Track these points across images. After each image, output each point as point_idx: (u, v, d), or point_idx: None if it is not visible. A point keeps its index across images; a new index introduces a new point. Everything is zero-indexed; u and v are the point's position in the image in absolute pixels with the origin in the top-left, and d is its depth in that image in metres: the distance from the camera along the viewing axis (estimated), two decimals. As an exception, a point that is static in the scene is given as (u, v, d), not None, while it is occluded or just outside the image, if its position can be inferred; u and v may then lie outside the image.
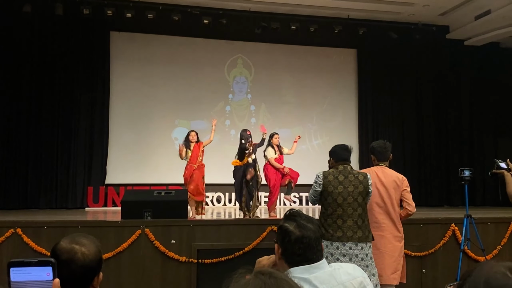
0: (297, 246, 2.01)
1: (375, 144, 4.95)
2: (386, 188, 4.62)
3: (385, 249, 4.58)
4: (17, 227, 5.50)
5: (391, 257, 4.59)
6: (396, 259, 4.61)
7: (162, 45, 11.82)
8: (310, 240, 2.02)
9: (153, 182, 10.81)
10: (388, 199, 4.62)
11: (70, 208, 10.66)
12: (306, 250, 2.01)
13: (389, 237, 4.60)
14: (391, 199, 4.62)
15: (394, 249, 4.61)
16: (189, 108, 11.90)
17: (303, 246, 2.01)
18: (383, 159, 4.80)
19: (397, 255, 4.62)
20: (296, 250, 2.00)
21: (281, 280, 1.01)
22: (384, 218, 4.60)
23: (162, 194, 6.47)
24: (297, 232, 2.03)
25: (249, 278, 1.01)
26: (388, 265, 4.57)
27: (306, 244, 2.01)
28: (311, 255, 2.01)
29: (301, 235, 2.02)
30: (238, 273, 1.05)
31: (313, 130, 12.57)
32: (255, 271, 1.05)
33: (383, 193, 4.61)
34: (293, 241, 2.02)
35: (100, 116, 11.30)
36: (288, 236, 2.04)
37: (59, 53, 11.05)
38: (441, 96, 13.01)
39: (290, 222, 2.08)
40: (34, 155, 10.74)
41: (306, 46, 12.44)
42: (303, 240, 2.01)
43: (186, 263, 5.72)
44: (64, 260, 1.77)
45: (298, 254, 2.00)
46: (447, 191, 12.61)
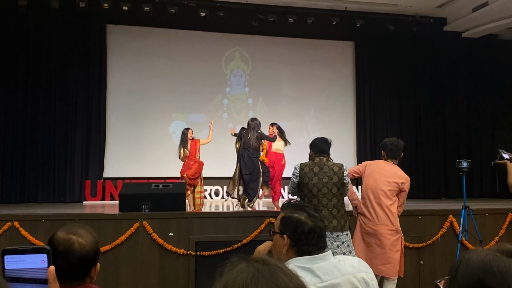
0: (311, 236, 2.02)
1: (387, 140, 4.97)
2: (384, 180, 4.72)
3: (375, 240, 4.71)
4: (14, 221, 5.49)
5: (381, 248, 4.69)
6: (386, 252, 4.68)
7: (159, 38, 11.77)
8: (322, 229, 2.06)
9: (151, 175, 10.79)
10: (386, 192, 4.71)
11: (68, 202, 10.65)
12: (318, 239, 2.03)
13: (382, 230, 4.70)
14: (386, 194, 4.71)
15: (385, 241, 4.69)
16: (186, 102, 11.87)
17: (316, 236, 2.03)
18: (393, 156, 4.86)
19: (387, 248, 4.68)
20: (310, 240, 2.02)
21: (275, 267, 1.00)
22: (379, 210, 4.70)
23: (160, 187, 6.47)
24: (310, 223, 2.04)
25: (243, 265, 1.01)
26: (378, 256, 4.68)
27: (319, 233, 2.04)
28: (323, 244, 2.04)
29: (314, 225, 2.04)
30: (231, 261, 1.04)
31: (311, 123, 12.56)
32: (248, 259, 1.04)
33: (382, 186, 4.71)
34: (307, 231, 2.03)
35: (97, 110, 11.26)
36: (301, 226, 2.04)
37: (55, 47, 11.00)
38: (439, 88, 13.00)
39: (301, 212, 2.09)
40: (31, 150, 10.71)
41: (304, 39, 12.41)
42: (316, 230, 2.03)
43: (184, 256, 5.72)
44: (61, 251, 1.76)
45: (312, 244, 2.02)
46: (444, 183, 12.63)
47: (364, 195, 4.80)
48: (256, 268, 0.99)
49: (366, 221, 4.75)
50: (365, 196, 4.79)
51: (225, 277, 1.00)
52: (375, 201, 4.71)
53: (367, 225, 4.74)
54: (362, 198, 4.83)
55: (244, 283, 0.96)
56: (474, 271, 0.98)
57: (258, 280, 0.96)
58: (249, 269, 0.99)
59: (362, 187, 4.86)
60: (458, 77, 13.05)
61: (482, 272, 0.97)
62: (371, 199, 4.72)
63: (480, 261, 0.99)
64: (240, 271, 0.99)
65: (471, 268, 0.99)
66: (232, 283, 0.97)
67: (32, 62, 10.86)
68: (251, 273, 0.97)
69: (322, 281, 1.92)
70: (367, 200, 4.75)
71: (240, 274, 0.98)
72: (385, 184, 4.71)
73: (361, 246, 4.76)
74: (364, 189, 4.82)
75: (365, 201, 4.77)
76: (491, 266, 0.97)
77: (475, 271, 0.98)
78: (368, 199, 4.75)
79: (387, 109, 12.84)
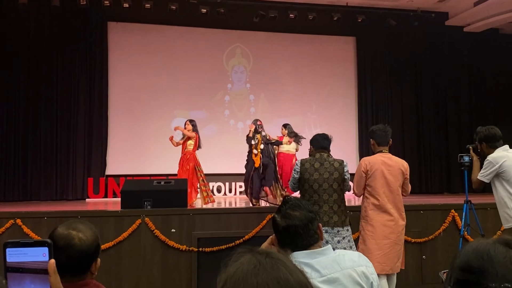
0: (285, 236, 2.03)
1: (375, 127, 4.82)
2: (392, 176, 4.60)
3: (393, 237, 4.55)
4: (17, 218, 5.51)
5: (398, 244, 4.59)
6: (402, 247, 4.66)
7: (160, 35, 11.76)
8: (297, 228, 2.02)
9: (153, 172, 10.79)
10: (394, 186, 4.60)
11: (70, 200, 10.67)
12: (294, 239, 2.02)
13: (396, 226, 4.59)
14: (396, 187, 4.61)
15: (401, 237, 4.63)
16: (188, 98, 11.87)
17: (290, 235, 2.02)
18: (383, 143, 4.70)
19: (402, 242, 4.67)
20: (285, 239, 2.03)
21: (278, 260, 1.00)
22: (391, 208, 4.57)
23: (162, 183, 6.48)
24: (282, 223, 2.04)
25: (246, 257, 1.01)
26: (396, 253, 4.55)
27: (293, 232, 2.02)
28: (301, 242, 2.02)
29: (286, 225, 2.03)
30: (237, 252, 1.05)
31: (313, 119, 12.55)
32: (254, 250, 1.05)
33: (390, 182, 4.58)
34: (281, 231, 2.04)
35: (99, 107, 11.27)
36: (276, 226, 2.07)
37: (56, 45, 10.99)
38: (440, 83, 12.97)
39: (278, 213, 2.10)
40: (34, 148, 10.72)
41: (305, 35, 12.38)
42: (289, 230, 2.02)
43: (186, 252, 5.74)
44: (62, 246, 1.77)
45: (288, 243, 2.03)
46: (447, 178, 12.61)
47: (379, 195, 4.56)
48: (258, 260, 0.99)
49: (387, 221, 4.53)
50: (380, 195, 4.56)
51: (228, 268, 1.00)
52: (393, 197, 4.57)
53: (387, 225, 4.53)
54: (376, 197, 4.58)
55: (244, 275, 0.96)
56: (467, 256, 1.00)
57: (258, 272, 0.96)
58: (251, 261, 0.99)
59: (373, 187, 4.59)
60: (460, 71, 13.01)
61: (474, 256, 0.99)
62: (389, 196, 4.56)
63: (475, 247, 1.01)
64: (242, 263, 0.99)
65: (466, 254, 1.01)
66: (233, 274, 0.98)
67: (34, 59, 10.86)
68: (252, 265, 0.98)
69: (321, 276, 1.92)
70: (386, 199, 4.55)
71: (241, 265, 0.99)
72: (398, 178, 4.60)
73: (380, 249, 4.50)
74: (377, 189, 4.57)
75: (383, 199, 4.55)
76: (483, 251, 0.98)
77: (468, 256, 0.99)
78: (387, 197, 4.56)
79: (388, 104, 12.81)
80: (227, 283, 0.97)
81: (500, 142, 4.48)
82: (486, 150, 4.53)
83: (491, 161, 4.37)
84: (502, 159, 4.32)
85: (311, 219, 2.07)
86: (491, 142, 4.49)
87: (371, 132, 4.81)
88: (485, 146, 4.55)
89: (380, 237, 4.50)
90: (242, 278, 0.96)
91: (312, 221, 2.06)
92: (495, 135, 4.49)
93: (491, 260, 0.96)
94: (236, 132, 12.11)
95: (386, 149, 4.71)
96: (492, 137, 4.49)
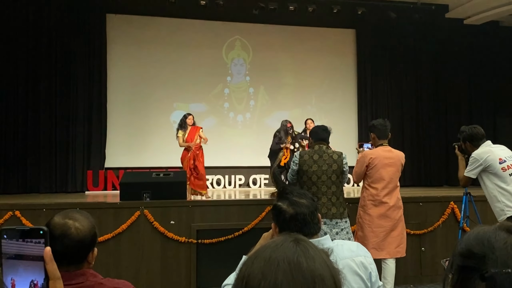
0: (293, 224, 2.01)
1: (375, 122, 5.05)
2: (392, 167, 4.82)
3: (389, 225, 4.75)
4: (15, 210, 5.51)
5: (394, 231, 4.77)
6: (400, 233, 4.82)
7: (159, 27, 11.72)
8: (305, 216, 2.02)
9: (152, 165, 10.78)
10: (393, 177, 4.82)
11: (70, 192, 10.67)
12: (302, 227, 2.01)
13: (394, 214, 4.78)
14: (395, 177, 4.84)
15: (398, 223, 4.80)
16: (187, 91, 11.85)
17: (298, 223, 2.01)
18: (383, 137, 4.92)
19: (400, 229, 4.82)
20: (292, 228, 2.00)
21: (304, 242, 0.96)
22: (389, 198, 4.77)
23: (161, 175, 6.47)
24: (290, 210, 2.02)
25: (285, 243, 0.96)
26: (394, 239, 4.75)
27: (301, 220, 2.01)
28: (307, 230, 2.01)
29: (295, 213, 2.02)
30: None
31: (312, 112, 12.51)
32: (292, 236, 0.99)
33: (390, 173, 4.79)
34: (288, 219, 2.02)
35: (98, 100, 11.24)
36: (282, 215, 2.04)
37: (55, 37, 10.96)
38: (440, 75, 12.94)
39: (283, 201, 2.08)
40: (33, 140, 10.71)
41: (305, 27, 12.34)
42: (298, 217, 2.01)
43: (185, 244, 5.75)
44: (58, 235, 1.76)
45: (294, 231, 1.99)
46: (446, 171, 12.60)
47: (378, 186, 4.76)
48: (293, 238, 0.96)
49: (383, 211, 4.74)
50: (381, 185, 4.76)
51: None
52: (392, 188, 4.78)
53: (384, 214, 4.73)
54: (376, 186, 4.78)
55: None
56: (468, 242, 0.99)
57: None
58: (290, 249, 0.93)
59: (373, 178, 4.79)
60: (460, 64, 12.98)
61: (474, 242, 0.99)
62: (387, 187, 4.77)
63: (476, 234, 1.01)
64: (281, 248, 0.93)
65: (467, 240, 1.01)
66: None
67: (32, 52, 10.82)
68: None
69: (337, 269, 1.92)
70: (385, 189, 4.76)
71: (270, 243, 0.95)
72: (397, 169, 4.84)
73: (376, 237, 4.72)
74: (376, 180, 4.77)
75: (382, 190, 4.75)
76: (484, 237, 0.98)
77: (469, 242, 0.99)
78: (386, 188, 4.76)
79: (388, 97, 12.79)
80: None
81: (483, 140, 4.58)
82: (470, 149, 4.65)
83: (475, 158, 4.48)
84: (486, 154, 4.43)
85: (316, 207, 2.09)
86: (474, 141, 4.60)
87: (372, 127, 5.02)
88: (469, 145, 4.65)
89: (376, 226, 4.73)
90: None
91: (316, 209, 2.09)
92: (478, 134, 4.60)
93: (491, 245, 0.96)
94: (236, 124, 12.10)
95: (386, 142, 4.93)
96: (475, 136, 4.60)
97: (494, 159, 4.38)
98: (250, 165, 11.55)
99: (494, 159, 4.38)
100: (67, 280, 1.64)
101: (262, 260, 0.91)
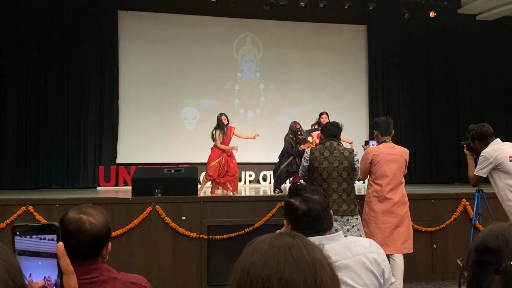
0: (306, 220, 2.01)
1: (378, 120, 5.10)
2: (396, 163, 4.82)
3: (394, 221, 4.76)
4: (29, 205, 5.55)
5: (400, 227, 4.77)
6: (407, 229, 4.82)
7: (170, 24, 11.75)
8: (318, 212, 2.02)
9: (164, 161, 10.82)
10: (397, 173, 4.82)
11: (82, 188, 10.75)
12: (315, 223, 2.01)
13: (399, 210, 4.78)
14: (399, 173, 4.85)
15: (404, 219, 4.80)
16: (198, 88, 11.86)
17: (311, 219, 2.00)
18: (386, 134, 4.95)
19: (406, 225, 4.82)
20: (305, 224, 2.00)
21: (302, 239, 0.99)
22: (394, 194, 4.78)
23: (172, 171, 6.50)
24: (303, 207, 2.02)
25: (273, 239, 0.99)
26: (400, 235, 4.75)
27: (314, 216, 2.01)
28: (321, 226, 2.02)
29: (308, 209, 2.01)
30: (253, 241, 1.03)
31: (323, 108, 12.33)
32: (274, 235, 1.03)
33: (393, 169, 4.80)
34: (301, 215, 2.01)
35: (110, 97, 11.31)
36: (295, 211, 2.03)
37: (67, 34, 11.03)
38: (452, 72, 12.85)
39: (295, 197, 2.07)
40: (45, 137, 10.80)
41: (315, 23, 12.29)
42: (311, 213, 2.01)
43: (196, 239, 5.76)
44: (72, 230, 1.77)
45: (307, 228, 2.00)
46: (458, 168, 12.51)
47: (382, 182, 4.79)
48: (291, 235, 0.99)
49: (388, 207, 4.76)
50: (385, 181, 4.79)
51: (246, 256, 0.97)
52: (396, 184, 4.80)
53: (389, 210, 4.75)
54: (380, 183, 4.81)
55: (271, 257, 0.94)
56: (483, 238, 1.00)
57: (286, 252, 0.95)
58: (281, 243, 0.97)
59: (377, 175, 4.82)
60: (472, 60, 12.86)
61: (489, 237, 1.00)
62: (391, 183, 4.78)
63: (490, 229, 1.02)
64: (271, 244, 0.97)
65: (481, 236, 1.01)
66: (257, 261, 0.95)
67: (44, 49, 10.90)
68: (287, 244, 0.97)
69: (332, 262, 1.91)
70: (389, 185, 4.78)
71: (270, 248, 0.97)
72: (401, 165, 4.85)
73: (382, 233, 4.74)
74: (380, 176, 4.80)
75: (386, 186, 4.78)
76: (498, 231, 0.99)
77: (484, 238, 1.00)
78: (390, 184, 4.78)
79: (399, 94, 12.72)
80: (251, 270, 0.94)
81: (492, 139, 4.53)
82: (479, 147, 4.59)
83: (485, 156, 4.42)
84: (496, 152, 4.38)
85: (328, 203, 2.09)
86: (483, 140, 4.54)
87: (375, 124, 5.06)
88: (478, 143, 4.60)
89: (381, 222, 4.74)
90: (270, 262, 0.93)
91: (329, 205, 2.08)
92: (487, 132, 4.55)
93: (505, 239, 0.96)
94: (246, 121, 12.10)
95: (389, 139, 4.95)
96: (484, 135, 4.55)
97: (505, 156, 4.33)
98: (261, 162, 11.54)
99: (504, 156, 4.33)
100: (82, 275, 1.65)
101: (261, 250, 0.95)
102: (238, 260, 0.99)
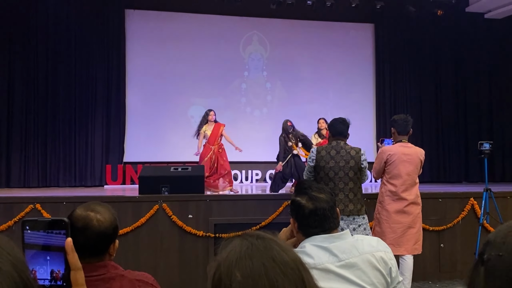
0: (312, 219, 2.00)
1: (396, 117, 5.02)
2: (411, 164, 4.78)
3: (407, 222, 4.73)
4: (36, 203, 5.58)
5: (412, 228, 4.75)
6: (418, 230, 4.81)
7: (176, 22, 11.75)
8: (325, 210, 2.01)
9: (171, 159, 10.84)
10: (412, 174, 4.79)
11: (89, 186, 10.79)
12: (322, 222, 2.00)
13: (412, 210, 4.76)
14: (413, 174, 4.81)
15: (416, 220, 4.78)
16: (205, 86, 11.87)
17: (318, 218, 2.00)
18: (404, 132, 4.88)
19: (418, 226, 4.81)
20: (312, 223, 1.99)
21: (270, 240, 1.00)
22: (408, 194, 4.76)
23: (179, 169, 6.51)
24: (310, 205, 2.01)
25: (236, 241, 1.00)
26: (412, 236, 4.73)
27: (321, 215, 2.00)
28: (328, 225, 2.01)
29: (315, 208, 2.00)
30: (225, 239, 1.05)
31: (330, 107, 12.44)
32: (242, 234, 1.05)
33: (408, 169, 4.76)
34: (307, 214, 2.01)
35: (117, 95, 11.33)
36: (301, 210, 2.02)
37: (74, 33, 11.05)
38: (460, 70, 12.78)
39: (302, 196, 2.06)
40: (53, 135, 10.84)
41: (322, 21, 12.27)
42: (317, 212, 2.00)
43: (203, 238, 5.77)
44: (80, 227, 1.78)
45: (314, 226, 1.99)
46: (465, 167, 12.47)
47: (396, 182, 4.75)
48: (250, 242, 0.99)
49: (401, 207, 4.73)
50: (399, 181, 4.75)
51: (219, 254, 0.99)
52: (410, 184, 4.77)
53: (402, 210, 4.72)
54: (394, 184, 4.77)
55: (238, 257, 0.95)
56: (491, 233, 0.99)
57: (252, 253, 0.96)
58: (243, 243, 0.99)
59: (391, 175, 4.78)
60: (480, 59, 12.79)
61: (495, 231, 0.99)
62: (405, 183, 4.75)
63: (501, 225, 1.01)
64: (233, 246, 0.99)
65: (500, 235, 0.99)
66: (225, 258, 0.97)
67: (52, 48, 10.93)
68: (244, 246, 0.97)
69: (339, 260, 1.90)
70: (403, 185, 4.75)
71: (233, 249, 0.98)
72: (416, 166, 4.80)
73: (394, 233, 4.72)
74: (395, 176, 4.76)
75: (400, 186, 4.74)
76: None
77: (492, 232, 0.99)
78: (404, 184, 4.75)
79: (407, 92, 12.67)
80: (221, 268, 0.96)
81: None
82: None
83: None
84: None
85: (335, 202, 2.09)
86: None
87: (393, 121, 4.99)
88: None
89: (394, 222, 4.72)
90: (236, 260, 0.95)
91: (335, 204, 2.07)
92: None
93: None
94: (253, 119, 12.10)
95: (405, 138, 4.89)
96: None
97: None
98: (267, 160, 11.52)
99: None
100: (89, 272, 1.65)
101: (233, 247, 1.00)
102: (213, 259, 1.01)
